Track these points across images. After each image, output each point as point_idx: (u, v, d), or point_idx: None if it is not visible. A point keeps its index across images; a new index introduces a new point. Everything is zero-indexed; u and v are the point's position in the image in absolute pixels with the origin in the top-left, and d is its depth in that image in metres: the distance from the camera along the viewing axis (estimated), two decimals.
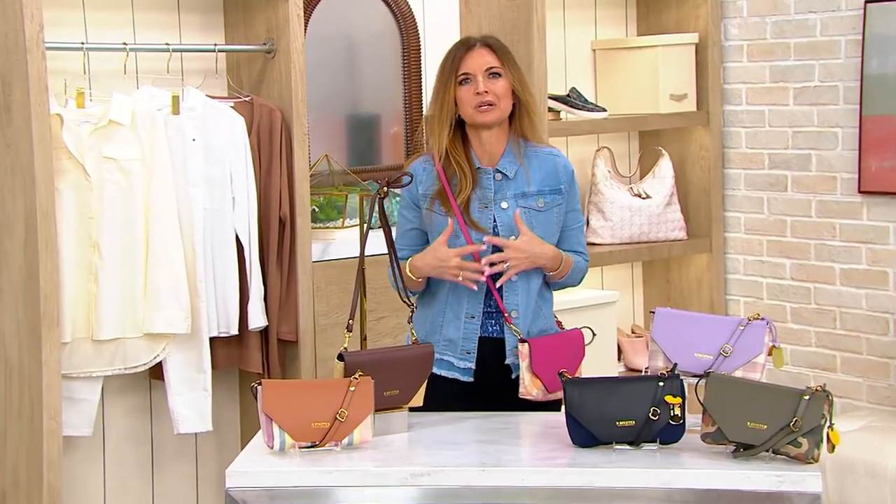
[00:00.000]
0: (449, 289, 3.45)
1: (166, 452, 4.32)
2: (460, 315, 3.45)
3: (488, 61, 3.43)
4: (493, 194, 3.43)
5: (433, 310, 3.49)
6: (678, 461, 2.94)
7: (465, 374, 3.47)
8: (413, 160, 3.55)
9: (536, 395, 3.38)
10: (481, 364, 3.46)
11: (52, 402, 3.68)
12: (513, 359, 3.44)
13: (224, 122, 4.06)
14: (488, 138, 3.46)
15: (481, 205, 3.43)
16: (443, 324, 3.47)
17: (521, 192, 3.44)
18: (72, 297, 3.81)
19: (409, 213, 3.51)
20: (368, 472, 2.93)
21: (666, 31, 5.20)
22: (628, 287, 5.39)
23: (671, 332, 3.21)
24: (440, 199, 3.43)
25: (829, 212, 4.88)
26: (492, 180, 3.44)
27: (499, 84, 3.42)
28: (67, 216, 3.79)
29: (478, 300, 3.44)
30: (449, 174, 3.43)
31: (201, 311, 3.98)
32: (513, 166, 3.45)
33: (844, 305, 4.85)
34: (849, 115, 4.79)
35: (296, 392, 3.03)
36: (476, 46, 3.45)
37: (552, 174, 3.48)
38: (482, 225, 3.41)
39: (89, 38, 4.03)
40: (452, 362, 3.46)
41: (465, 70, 3.43)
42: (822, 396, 2.90)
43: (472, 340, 3.45)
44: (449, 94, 3.43)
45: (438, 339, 3.46)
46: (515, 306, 3.44)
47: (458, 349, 3.46)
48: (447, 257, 3.33)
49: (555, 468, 2.91)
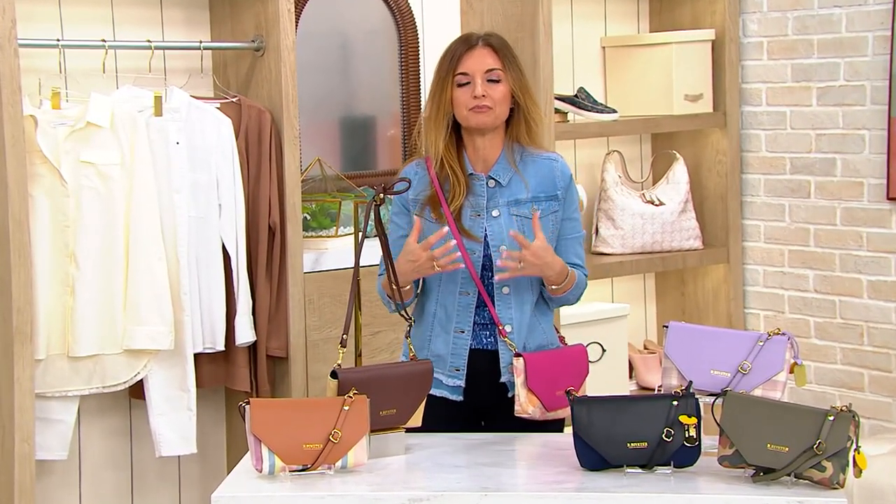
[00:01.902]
0: (437, 301, 3.46)
1: (147, 477, 4.32)
2: (449, 329, 3.46)
3: (489, 63, 3.43)
4: (486, 202, 3.44)
5: (423, 324, 3.50)
6: (693, 486, 2.94)
7: (455, 392, 3.47)
8: (407, 164, 3.57)
9: (533, 412, 3.38)
10: (473, 381, 3.46)
11: (25, 424, 3.68)
12: (508, 377, 3.44)
13: (210, 124, 4.07)
14: (482, 143, 3.47)
15: (474, 212, 3.44)
16: (431, 338, 3.48)
17: (514, 200, 3.45)
18: (46, 311, 3.81)
19: (401, 220, 3.51)
20: (364, 497, 2.93)
21: (680, 27, 5.21)
22: (640, 300, 5.40)
23: (686, 348, 3.21)
24: (431, 205, 3.44)
25: (856, 219, 4.88)
26: (485, 187, 3.45)
27: (498, 89, 3.42)
28: (42, 224, 3.80)
29: (467, 313, 3.44)
30: (441, 179, 3.45)
31: (185, 325, 3.98)
32: (507, 173, 3.46)
33: (872, 320, 4.85)
34: (876, 117, 4.80)
35: (286, 412, 3.03)
36: (477, 45, 3.46)
37: (548, 179, 3.48)
38: (474, 233, 3.42)
39: (65, 34, 4.04)
40: (441, 380, 3.46)
41: (463, 70, 3.43)
42: (847, 417, 2.90)
43: (461, 356, 3.45)
44: (446, 95, 3.44)
45: (427, 354, 3.47)
46: (509, 320, 3.44)
47: (447, 365, 3.46)
48: (415, 252, 3.33)
49: (562, 493, 2.91)
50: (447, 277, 3.44)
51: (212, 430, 4.39)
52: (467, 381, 3.46)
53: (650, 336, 5.41)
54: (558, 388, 3.38)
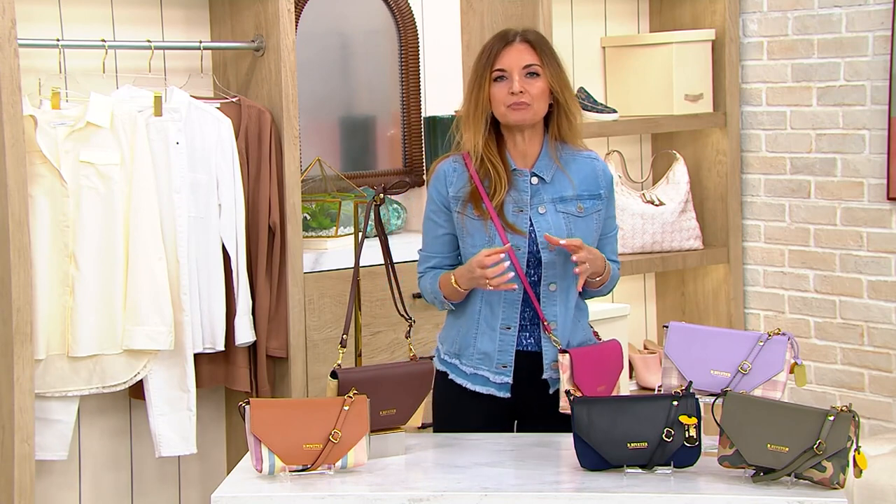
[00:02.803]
0: (482, 298, 3.44)
1: (147, 477, 4.32)
2: (495, 326, 3.44)
3: (526, 58, 3.42)
4: (530, 198, 3.43)
5: (466, 321, 3.47)
6: (694, 486, 2.94)
7: (502, 389, 3.46)
8: (441, 160, 3.53)
9: None
10: (517, 380, 3.45)
11: (25, 424, 3.68)
12: (550, 373, 3.43)
13: (210, 124, 4.07)
14: (522, 139, 3.45)
15: (516, 208, 3.42)
16: (476, 335, 3.46)
17: (559, 197, 3.44)
18: (46, 311, 3.81)
19: (440, 218, 3.48)
20: (364, 498, 2.93)
21: (680, 27, 5.21)
22: (640, 300, 5.40)
23: (686, 348, 3.22)
24: (472, 201, 3.42)
25: (856, 220, 4.88)
26: (528, 183, 3.44)
27: (536, 84, 3.41)
28: (42, 224, 3.80)
29: (514, 309, 3.43)
30: (481, 175, 3.43)
31: (185, 325, 3.98)
32: (550, 169, 3.45)
33: (872, 320, 4.85)
34: (876, 117, 4.80)
35: (286, 412, 3.04)
36: (515, 41, 3.44)
37: (591, 178, 3.48)
38: (519, 228, 3.41)
39: (65, 34, 4.04)
40: (488, 377, 3.45)
41: (500, 66, 3.42)
42: (847, 417, 2.91)
43: (508, 353, 3.44)
44: (484, 91, 3.42)
45: (472, 352, 3.45)
46: (554, 317, 3.43)
47: (494, 363, 3.45)
48: (473, 267, 3.32)
49: (561, 493, 2.92)
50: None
51: (212, 430, 4.39)
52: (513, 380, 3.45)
53: (650, 336, 5.41)
54: (599, 384, 3.38)
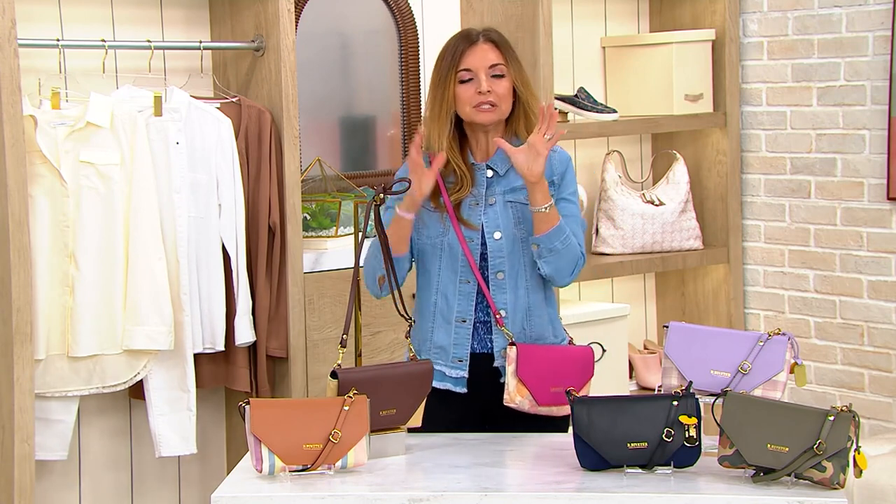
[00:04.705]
0: (437, 290, 3.46)
1: (147, 477, 4.32)
2: (450, 319, 3.46)
3: (491, 58, 3.44)
4: (485, 190, 3.46)
5: (424, 317, 3.50)
6: (694, 486, 2.94)
7: (458, 384, 3.47)
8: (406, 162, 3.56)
9: (521, 403, 3.37)
10: (474, 379, 3.46)
11: (25, 424, 3.68)
12: (501, 361, 3.44)
13: (210, 124, 4.07)
14: (485, 137, 3.49)
15: (473, 202, 3.46)
16: (433, 329, 3.48)
17: (510, 188, 3.47)
18: (46, 311, 3.81)
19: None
20: (364, 497, 2.93)
21: (681, 27, 5.21)
22: (640, 300, 5.40)
23: (686, 348, 3.22)
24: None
25: (856, 220, 4.88)
26: (484, 177, 3.47)
27: (502, 84, 3.43)
28: (42, 224, 3.80)
29: (468, 301, 3.44)
30: (445, 172, 3.46)
31: (185, 325, 3.98)
32: (505, 163, 3.47)
33: (872, 320, 4.86)
34: (876, 117, 4.80)
35: (286, 412, 3.04)
36: (479, 41, 3.46)
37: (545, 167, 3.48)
38: (472, 222, 3.44)
39: (65, 34, 4.04)
40: (444, 371, 3.46)
41: (466, 66, 3.44)
42: (847, 417, 2.91)
43: (463, 347, 3.45)
44: (448, 91, 3.44)
45: (429, 346, 3.47)
46: (504, 305, 3.44)
47: (450, 356, 3.46)
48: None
49: (561, 493, 2.92)
50: (446, 267, 3.44)
51: (212, 430, 4.39)
52: (469, 374, 3.46)
53: (650, 336, 5.41)
54: (555, 385, 3.37)
